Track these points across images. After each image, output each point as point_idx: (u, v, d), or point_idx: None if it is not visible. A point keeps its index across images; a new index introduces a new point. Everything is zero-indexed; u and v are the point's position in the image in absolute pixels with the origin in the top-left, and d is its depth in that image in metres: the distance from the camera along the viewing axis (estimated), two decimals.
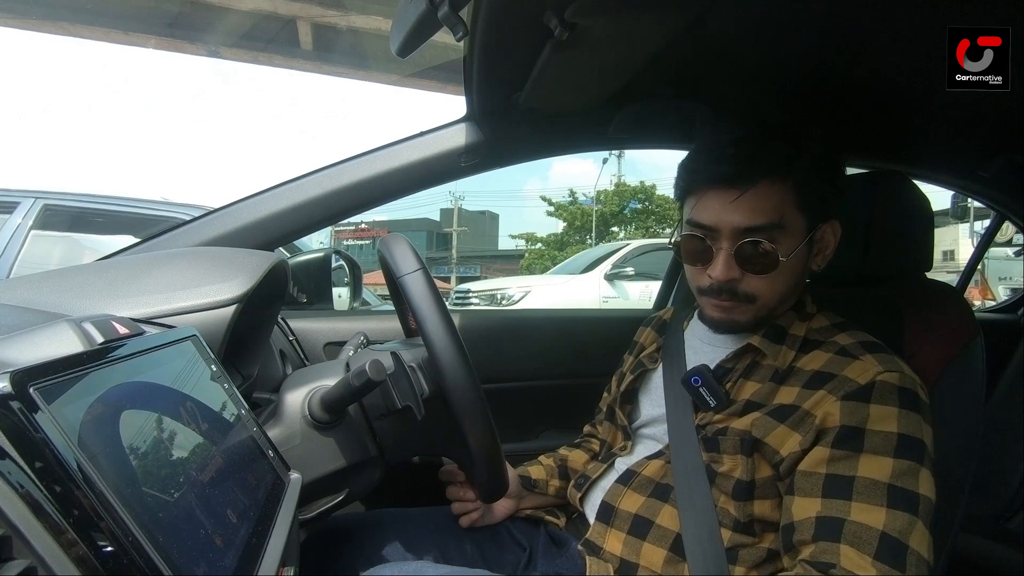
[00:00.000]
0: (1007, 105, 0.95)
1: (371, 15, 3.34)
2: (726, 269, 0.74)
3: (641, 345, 0.97)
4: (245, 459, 0.50)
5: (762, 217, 0.72)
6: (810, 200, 0.74)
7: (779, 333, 0.77)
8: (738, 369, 0.78)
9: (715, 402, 0.75)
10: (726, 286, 0.75)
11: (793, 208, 0.73)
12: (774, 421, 0.71)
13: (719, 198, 0.73)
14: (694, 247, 0.77)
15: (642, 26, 0.73)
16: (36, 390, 0.30)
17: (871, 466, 0.64)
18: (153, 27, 3.40)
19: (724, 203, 0.73)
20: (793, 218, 0.73)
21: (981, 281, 6.17)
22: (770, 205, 0.72)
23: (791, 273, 0.75)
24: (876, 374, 0.68)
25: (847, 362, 0.71)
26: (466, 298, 7.20)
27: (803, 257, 0.76)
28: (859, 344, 0.73)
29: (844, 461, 0.65)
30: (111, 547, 0.29)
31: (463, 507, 0.88)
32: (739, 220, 0.72)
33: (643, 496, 0.78)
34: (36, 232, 2.64)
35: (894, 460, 0.64)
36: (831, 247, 0.79)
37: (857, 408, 0.67)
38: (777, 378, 0.74)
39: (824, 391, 0.69)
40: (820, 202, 0.75)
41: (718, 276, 0.74)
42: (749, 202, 0.72)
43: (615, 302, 6.50)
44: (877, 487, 0.63)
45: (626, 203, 19.79)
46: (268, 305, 0.80)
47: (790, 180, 0.72)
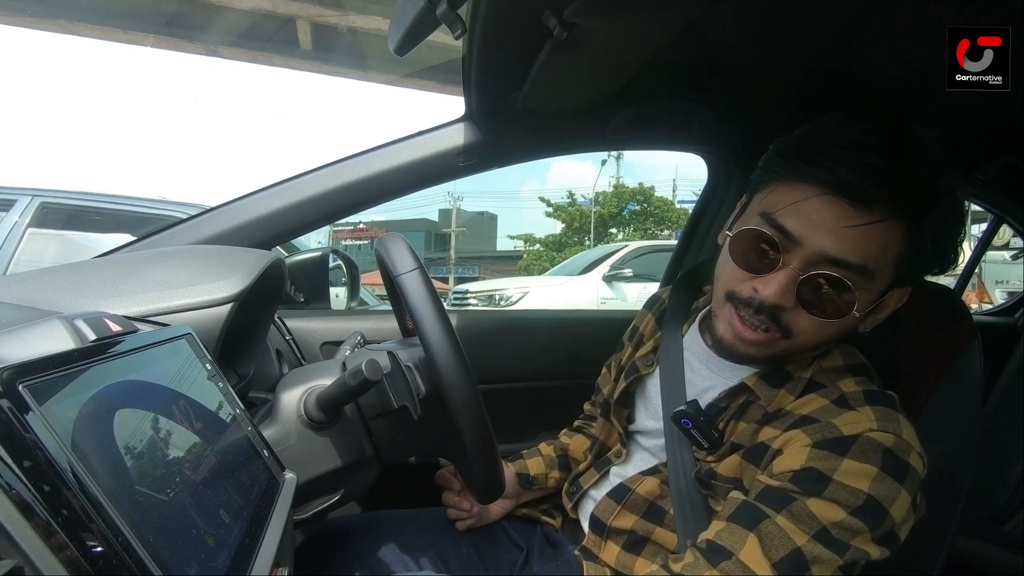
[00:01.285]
0: (1005, 108, 0.95)
1: (370, 15, 3.35)
2: (781, 293, 0.60)
3: (640, 335, 0.90)
4: (239, 459, 0.50)
5: (859, 255, 0.58)
6: (912, 260, 0.61)
7: (781, 377, 0.68)
8: (732, 408, 0.70)
9: (707, 444, 0.69)
10: (769, 309, 0.62)
11: (888, 257, 0.60)
12: (746, 462, 0.65)
13: (826, 209, 0.58)
14: (755, 249, 0.62)
15: (641, 26, 0.73)
16: (25, 388, 0.29)
17: (819, 507, 0.56)
18: (151, 25, 3.41)
19: (830, 219, 0.58)
20: (884, 271, 0.61)
21: (978, 284, 6.19)
22: (876, 247, 0.58)
23: (842, 326, 0.63)
24: (866, 429, 0.58)
25: (839, 412, 0.61)
26: (464, 299, 7.21)
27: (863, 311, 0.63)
28: (862, 394, 0.63)
29: (793, 492, 0.58)
30: (101, 547, 0.28)
31: (458, 514, 0.88)
32: (833, 246, 0.58)
33: (636, 516, 0.76)
34: (33, 230, 2.63)
35: (847, 516, 0.56)
36: (887, 312, 0.66)
37: (829, 458, 0.57)
38: (763, 419, 0.67)
39: (799, 431, 0.61)
40: (919, 266, 0.63)
41: (767, 296, 0.61)
42: (851, 226, 0.57)
43: (613, 303, 6.51)
44: (813, 521, 0.56)
45: (624, 205, 19.81)
46: (264, 304, 0.80)
47: (908, 226, 0.59)
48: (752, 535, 0.57)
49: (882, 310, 0.66)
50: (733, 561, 0.57)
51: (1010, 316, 2.01)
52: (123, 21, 3.32)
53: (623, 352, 0.92)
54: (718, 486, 0.69)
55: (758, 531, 0.58)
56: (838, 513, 0.56)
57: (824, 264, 0.59)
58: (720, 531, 0.60)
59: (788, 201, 0.61)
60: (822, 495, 0.57)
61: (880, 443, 0.58)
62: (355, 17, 3.44)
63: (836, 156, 0.59)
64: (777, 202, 0.62)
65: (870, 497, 0.56)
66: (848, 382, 0.65)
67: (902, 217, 0.59)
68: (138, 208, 2.80)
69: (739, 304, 0.65)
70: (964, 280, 2.16)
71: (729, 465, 0.68)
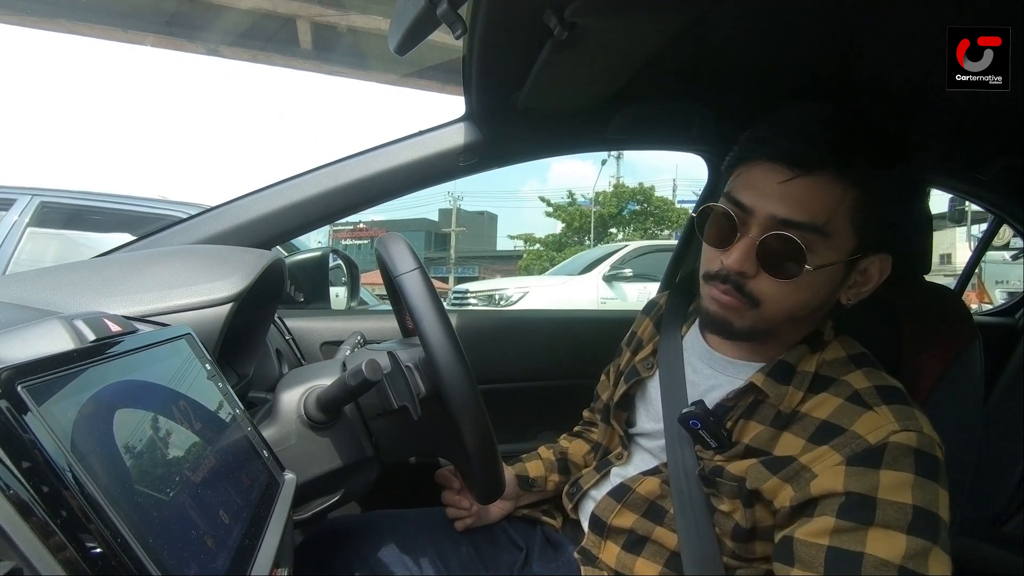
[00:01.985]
0: (1006, 108, 0.95)
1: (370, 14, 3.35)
2: (742, 259, 0.64)
3: (639, 339, 0.90)
4: (239, 459, 0.50)
5: (805, 214, 0.62)
6: (871, 221, 0.64)
7: (786, 372, 0.69)
8: (740, 407, 0.70)
9: (716, 444, 0.69)
10: (734, 278, 0.65)
11: (845, 220, 0.63)
12: (767, 472, 0.65)
13: (767, 176, 0.63)
14: (719, 225, 0.67)
15: (642, 26, 0.73)
16: (24, 388, 0.29)
17: (882, 544, 0.56)
18: (151, 25, 3.40)
19: (770, 183, 0.63)
20: (841, 231, 0.63)
21: (978, 284, 6.19)
22: (820, 205, 0.62)
23: (812, 292, 0.65)
24: (890, 433, 0.60)
25: (859, 412, 0.62)
26: (464, 299, 7.21)
27: (834, 281, 0.66)
28: (874, 390, 0.64)
29: (851, 534, 0.58)
30: (99, 548, 0.28)
31: (458, 513, 0.88)
32: (779, 207, 0.62)
33: (636, 514, 0.76)
34: (32, 229, 2.63)
35: (907, 537, 0.56)
36: (872, 283, 0.69)
37: (865, 474, 0.59)
38: (780, 422, 0.67)
39: (828, 447, 0.62)
40: (882, 227, 0.65)
41: (730, 264, 0.64)
42: (798, 191, 0.61)
43: (613, 303, 6.51)
44: (887, 568, 0.56)
45: (624, 204, 19.81)
46: (264, 304, 0.80)
47: (857, 189, 0.62)
48: None
49: (864, 281, 0.69)
50: None
51: (1010, 316, 2.00)
52: (123, 20, 3.32)
53: (621, 358, 0.93)
54: (723, 483, 0.68)
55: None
56: (898, 540, 0.56)
57: (777, 226, 0.63)
58: None
59: (740, 177, 0.67)
60: (875, 523, 0.57)
61: (908, 445, 0.59)
62: (355, 17, 3.44)
63: (780, 131, 0.64)
64: (734, 180, 0.68)
65: (915, 508, 0.57)
66: (856, 376, 0.66)
67: (844, 175, 0.62)
68: (138, 208, 2.80)
69: (712, 279, 0.68)
70: (964, 280, 2.16)
71: (741, 467, 0.67)
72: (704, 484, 0.70)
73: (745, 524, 0.66)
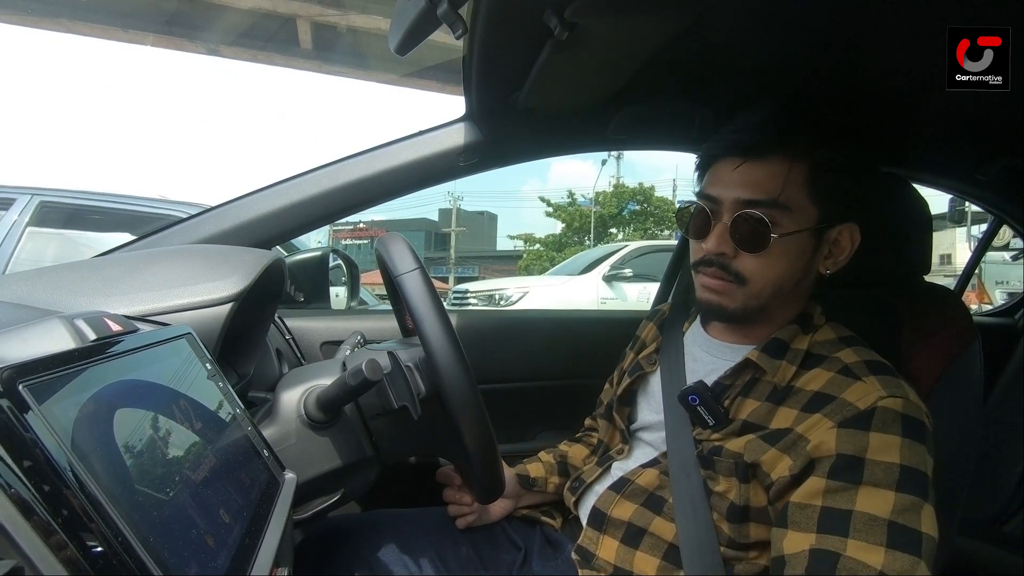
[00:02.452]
0: (1005, 108, 0.95)
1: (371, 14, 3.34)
2: (718, 241, 0.72)
3: (643, 341, 0.94)
4: (239, 458, 0.50)
5: (763, 192, 0.69)
6: (827, 192, 0.70)
7: (779, 347, 0.74)
8: (737, 386, 0.74)
9: (713, 421, 0.73)
10: (717, 259, 0.72)
11: (802, 194, 0.70)
12: (766, 444, 0.68)
13: (727, 167, 0.72)
14: (697, 219, 0.75)
15: (642, 26, 0.73)
16: (25, 387, 0.29)
17: (871, 500, 0.60)
18: (151, 25, 3.40)
19: (729, 173, 0.71)
20: (800, 204, 0.70)
21: (978, 285, 6.19)
22: (775, 183, 0.69)
23: (788, 262, 0.72)
24: (878, 399, 0.64)
25: (848, 383, 0.67)
26: (464, 298, 7.20)
27: (806, 250, 0.72)
28: (864, 363, 0.69)
29: (841, 493, 0.61)
30: (100, 547, 0.28)
31: (459, 510, 0.88)
32: (740, 192, 0.70)
33: (635, 504, 0.77)
34: (32, 229, 2.63)
35: (896, 494, 0.59)
36: (846, 252, 0.75)
37: (855, 436, 0.63)
38: (776, 397, 0.71)
39: (820, 415, 0.66)
40: (839, 198, 0.72)
41: (709, 247, 0.72)
42: (754, 174, 0.70)
43: (613, 303, 6.51)
44: (876, 523, 0.59)
45: (624, 205, 19.80)
46: (265, 304, 0.80)
47: (806, 164, 0.69)
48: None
49: (839, 251, 0.75)
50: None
51: (1010, 317, 2.00)
52: (124, 20, 3.32)
53: (625, 360, 0.95)
54: (720, 462, 0.70)
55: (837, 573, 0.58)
56: (887, 497, 0.59)
57: (742, 207, 0.70)
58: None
59: (708, 175, 0.76)
60: (863, 482, 0.61)
61: (894, 410, 0.64)
62: (355, 16, 3.44)
63: (733, 130, 0.74)
64: (704, 180, 0.76)
65: (903, 467, 0.61)
66: (846, 352, 0.71)
67: (789, 154, 0.69)
68: (138, 207, 2.80)
69: (700, 266, 0.75)
70: (964, 281, 2.15)
71: (738, 444, 0.70)
72: (702, 466, 0.72)
73: (739, 502, 0.68)
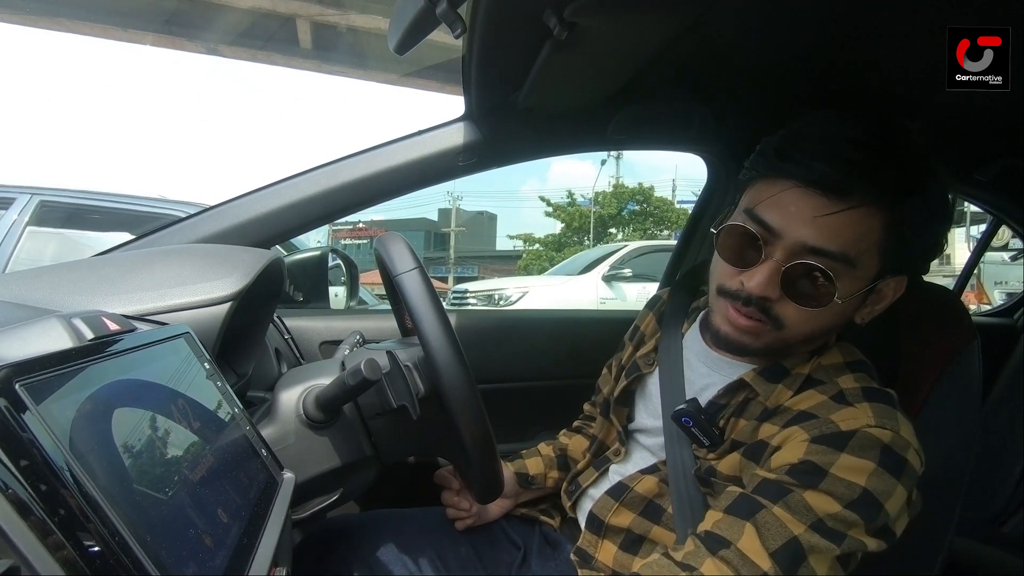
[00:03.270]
0: (1004, 109, 0.95)
1: (370, 14, 3.34)
2: (765, 284, 0.62)
3: (642, 334, 0.90)
4: (238, 458, 0.50)
5: (838, 243, 0.60)
6: (896, 247, 0.62)
7: (779, 372, 0.69)
8: (731, 406, 0.71)
9: (708, 442, 0.70)
10: (757, 301, 0.64)
11: (874, 248, 0.62)
12: (746, 460, 0.66)
13: (803, 201, 0.61)
14: (740, 243, 0.65)
15: (641, 26, 0.73)
16: (22, 387, 0.29)
17: (815, 498, 0.57)
18: (151, 24, 3.40)
19: (806, 209, 0.60)
20: (868, 259, 0.62)
21: (977, 285, 6.19)
22: (854, 234, 0.60)
23: (836, 317, 0.65)
24: (864, 425, 0.59)
25: (837, 408, 0.62)
26: (464, 298, 7.21)
27: (856, 304, 0.66)
28: (860, 390, 0.64)
29: (790, 485, 0.58)
30: (98, 547, 0.28)
31: (457, 514, 0.88)
32: (810, 236, 0.60)
33: (634, 513, 0.76)
34: (32, 228, 2.63)
35: (841, 509, 0.56)
36: (885, 303, 0.68)
37: (827, 452, 0.58)
38: (764, 416, 0.68)
39: (797, 427, 0.62)
40: (904, 253, 0.64)
41: (752, 288, 0.63)
42: (829, 216, 0.59)
43: (613, 303, 6.51)
44: (809, 512, 0.57)
45: (624, 205, 19.80)
46: (264, 303, 0.80)
47: (889, 214, 0.61)
48: (749, 525, 0.58)
49: (879, 300, 0.68)
50: (732, 550, 0.57)
51: (1009, 317, 2.00)
52: (123, 20, 3.32)
53: (624, 352, 0.93)
54: (718, 483, 0.69)
55: (755, 521, 0.58)
56: (833, 505, 0.57)
57: (805, 254, 0.61)
58: (717, 521, 0.60)
59: (768, 196, 0.64)
60: (818, 487, 0.57)
61: (878, 439, 0.59)
62: (355, 16, 3.44)
63: (811, 151, 0.61)
64: (758, 198, 0.65)
65: (866, 491, 0.57)
66: (847, 379, 0.66)
67: (879, 205, 0.60)
68: (137, 207, 2.80)
69: (730, 297, 0.67)
70: (963, 281, 2.16)
71: (729, 463, 0.68)
72: (701, 484, 0.71)
73: None
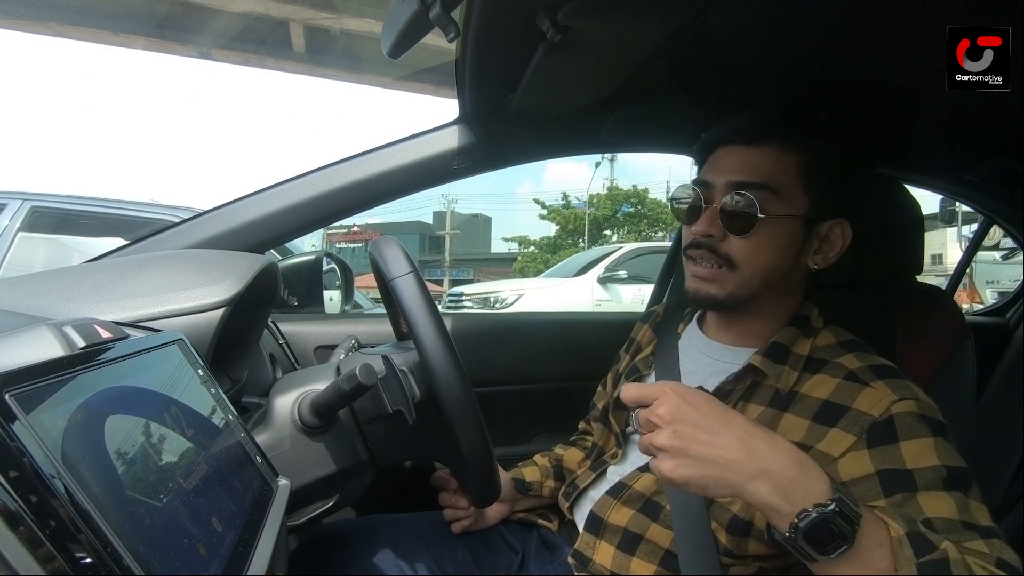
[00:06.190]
0: (996, 109, 0.95)
1: (364, 17, 3.34)
2: (708, 223, 0.72)
3: (638, 344, 0.93)
4: (232, 465, 0.49)
5: (753, 175, 0.71)
6: (818, 183, 0.71)
7: (781, 352, 0.72)
8: (738, 390, 0.73)
9: None
10: (705, 240, 0.72)
11: (792, 181, 0.71)
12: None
13: (723, 154, 0.74)
14: (689, 204, 0.76)
15: (635, 29, 0.73)
16: (12, 397, 0.29)
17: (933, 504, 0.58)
18: (142, 28, 3.38)
19: (725, 158, 0.73)
20: (790, 191, 0.71)
21: (969, 284, 6.24)
22: (770, 168, 0.71)
23: (776, 247, 0.71)
24: (890, 403, 0.63)
25: (857, 389, 0.66)
26: (459, 301, 7.19)
27: (795, 239, 0.72)
28: (868, 368, 0.68)
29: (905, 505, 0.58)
30: (89, 558, 0.28)
31: (455, 514, 0.88)
32: (731, 175, 0.72)
33: (632, 510, 0.76)
34: (23, 234, 2.61)
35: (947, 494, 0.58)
36: (836, 249, 0.74)
37: (888, 450, 0.61)
38: (779, 403, 0.70)
39: (837, 429, 0.64)
40: (830, 191, 0.72)
41: (698, 229, 0.73)
42: (747, 159, 0.71)
43: (608, 305, 6.52)
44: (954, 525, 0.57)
45: (619, 207, 19.85)
46: (258, 308, 0.79)
47: (799, 152, 0.71)
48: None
49: (829, 247, 0.74)
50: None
51: (1001, 316, 2.02)
52: (114, 23, 3.29)
53: (620, 363, 0.95)
54: None
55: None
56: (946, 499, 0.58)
57: (733, 190, 0.71)
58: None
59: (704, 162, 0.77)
60: (919, 488, 0.59)
61: (912, 412, 0.63)
62: (349, 19, 3.43)
63: (732, 120, 0.75)
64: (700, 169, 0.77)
65: (947, 467, 0.60)
66: (849, 358, 0.70)
67: (787, 143, 0.71)
68: (129, 212, 2.78)
69: (690, 250, 0.75)
70: (956, 280, 2.17)
71: None
72: None
73: (744, 516, 0.67)
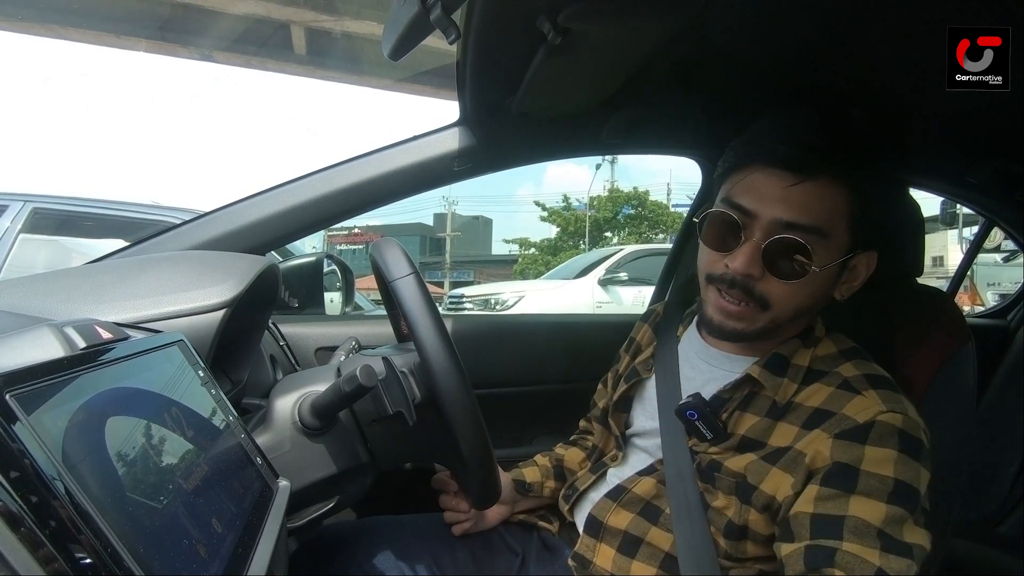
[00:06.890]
0: (996, 111, 0.95)
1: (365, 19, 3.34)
2: (748, 262, 0.66)
3: (638, 344, 0.92)
4: (232, 466, 0.49)
5: (809, 217, 0.65)
6: (862, 221, 0.67)
7: (781, 364, 0.71)
8: (735, 399, 0.72)
9: (712, 435, 0.71)
10: (741, 281, 0.67)
11: (843, 221, 0.66)
12: (767, 465, 0.67)
13: (770, 181, 0.66)
14: (721, 229, 0.69)
15: (635, 30, 0.73)
16: (13, 397, 0.29)
17: (862, 508, 0.59)
18: (144, 30, 3.39)
19: (774, 188, 0.65)
20: (839, 232, 0.67)
21: (970, 287, 6.23)
22: (823, 207, 0.65)
23: (816, 291, 0.68)
24: (877, 413, 0.63)
25: (848, 397, 0.66)
26: (460, 303, 7.20)
27: (833, 278, 0.70)
28: (863, 377, 0.68)
29: (834, 501, 0.60)
30: (89, 559, 0.28)
31: (455, 516, 0.87)
32: (783, 212, 0.65)
33: (632, 514, 0.76)
34: (25, 236, 2.61)
35: (887, 506, 0.59)
36: (860, 279, 0.72)
37: (851, 447, 0.62)
38: (775, 413, 0.69)
39: (819, 430, 0.65)
40: (870, 227, 0.69)
41: (736, 268, 0.66)
42: (802, 195, 0.64)
43: (609, 307, 6.53)
44: (868, 529, 0.58)
45: (619, 208, 19.87)
46: (258, 310, 0.79)
47: (853, 191, 0.66)
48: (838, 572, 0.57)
49: (854, 277, 0.72)
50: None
51: (1002, 318, 2.01)
52: (116, 25, 3.30)
53: (620, 364, 0.94)
54: (721, 479, 0.69)
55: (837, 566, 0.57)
56: (879, 507, 0.59)
57: (781, 229, 0.65)
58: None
59: (739, 181, 0.69)
60: (856, 491, 0.60)
61: (893, 425, 0.63)
62: (350, 22, 3.44)
63: (771, 135, 0.68)
64: (732, 186, 0.70)
65: (897, 481, 0.60)
66: (847, 366, 0.70)
67: (840, 180, 0.65)
68: (131, 213, 2.78)
69: (717, 282, 0.70)
70: (956, 282, 2.17)
71: (740, 462, 0.69)
72: (700, 479, 0.71)
73: (738, 520, 0.67)
